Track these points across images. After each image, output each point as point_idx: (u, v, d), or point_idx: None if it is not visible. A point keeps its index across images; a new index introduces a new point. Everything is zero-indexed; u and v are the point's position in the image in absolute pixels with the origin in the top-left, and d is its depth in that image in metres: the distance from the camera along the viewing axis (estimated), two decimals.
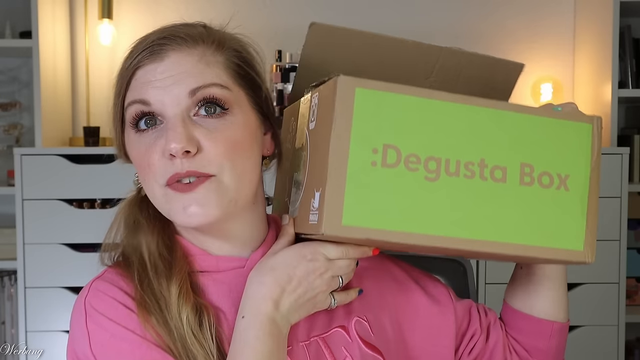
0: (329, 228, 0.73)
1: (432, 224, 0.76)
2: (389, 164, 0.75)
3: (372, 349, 0.88)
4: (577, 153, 0.81)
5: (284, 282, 0.79)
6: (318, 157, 0.77)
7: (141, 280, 0.81)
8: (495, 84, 0.95)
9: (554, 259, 0.81)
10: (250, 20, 2.67)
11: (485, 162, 0.77)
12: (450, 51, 0.90)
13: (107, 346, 0.77)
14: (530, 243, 0.79)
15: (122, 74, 0.82)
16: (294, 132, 0.89)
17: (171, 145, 0.76)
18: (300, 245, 0.82)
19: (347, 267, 0.83)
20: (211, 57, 0.81)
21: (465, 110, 0.77)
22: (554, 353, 0.98)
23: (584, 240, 0.81)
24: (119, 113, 0.84)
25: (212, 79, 0.80)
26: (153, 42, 0.80)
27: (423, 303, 0.95)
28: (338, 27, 0.87)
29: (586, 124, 0.81)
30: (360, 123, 0.74)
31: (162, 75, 0.79)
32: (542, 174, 0.79)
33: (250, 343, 0.76)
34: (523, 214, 0.79)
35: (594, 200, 0.81)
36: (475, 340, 0.98)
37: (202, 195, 0.78)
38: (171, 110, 0.78)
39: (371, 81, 0.75)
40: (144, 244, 0.83)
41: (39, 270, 2.27)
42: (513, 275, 1.00)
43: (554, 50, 2.74)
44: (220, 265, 0.85)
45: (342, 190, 0.73)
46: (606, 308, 2.32)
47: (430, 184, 0.76)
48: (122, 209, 0.88)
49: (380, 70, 0.89)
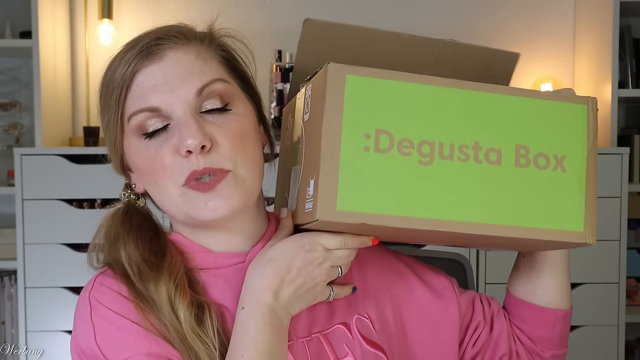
0: (323, 213, 0.74)
1: (427, 207, 0.76)
2: (381, 148, 0.75)
3: (374, 346, 0.88)
4: (572, 134, 0.80)
5: (283, 272, 0.79)
6: (312, 145, 0.78)
7: (129, 286, 0.81)
8: (493, 72, 0.95)
9: (554, 240, 0.80)
10: (250, 21, 2.68)
11: (479, 145, 0.77)
12: (444, 43, 0.90)
13: (113, 339, 0.77)
14: (529, 225, 0.79)
15: (117, 82, 0.81)
16: (291, 127, 0.89)
17: (187, 141, 0.77)
18: (299, 235, 0.82)
19: (346, 258, 0.83)
20: (205, 52, 0.83)
21: (458, 94, 0.78)
22: (557, 341, 0.98)
23: (584, 221, 0.80)
24: (118, 123, 0.82)
25: (213, 74, 0.81)
26: (148, 44, 0.80)
27: (425, 297, 0.95)
28: (332, 23, 0.87)
29: (581, 105, 0.81)
30: (352, 109, 0.74)
31: (165, 77, 0.79)
32: (538, 156, 0.79)
33: (251, 333, 0.77)
34: (520, 195, 0.78)
35: (592, 181, 0.81)
36: (479, 332, 0.98)
37: (224, 190, 0.79)
38: (181, 110, 0.79)
39: (361, 68, 0.75)
40: (123, 255, 0.83)
41: (39, 270, 2.28)
42: (515, 264, 1.00)
43: (554, 50, 2.74)
44: (220, 262, 0.85)
45: (335, 176, 0.74)
46: (606, 308, 2.32)
47: (424, 167, 0.76)
48: (104, 221, 0.88)
49: (376, 64, 0.90)
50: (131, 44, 0.83)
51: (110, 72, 0.83)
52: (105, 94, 0.83)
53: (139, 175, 0.85)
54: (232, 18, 2.63)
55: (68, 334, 2.28)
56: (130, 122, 0.81)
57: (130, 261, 0.82)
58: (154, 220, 0.88)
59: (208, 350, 0.77)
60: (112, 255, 0.84)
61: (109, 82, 0.83)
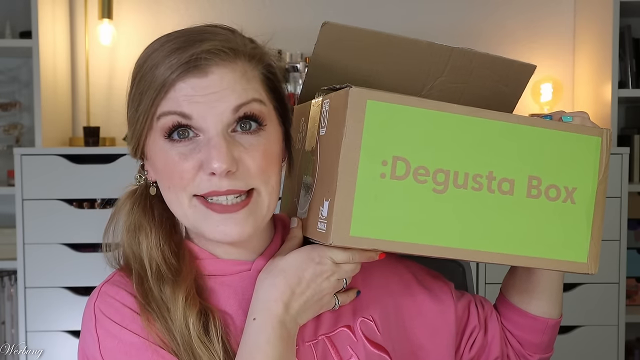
0: (337, 239, 0.75)
1: (439, 235, 0.77)
2: (397, 175, 0.75)
3: (378, 348, 0.89)
4: (585, 166, 0.82)
5: (294, 284, 0.80)
6: (328, 165, 0.78)
7: (142, 287, 0.81)
8: (507, 82, 0.96)
9: (556, 269, 0.83)
10: (250, 21, 2.67)
11: (493, 175, 0.78)
12: (461, 51, 0.90)
13: (116, 351, 0.78)
14: (534, 255, 0.81)
15: (157, 81, 0.78)
16: (304, 133, 0.89)
17: (215, 164, 0.76)
18: (309, 248, 0.82)
19: (352, 271, 0.84)
20: (250, 72, 0.81)
21: (475, 123, 0.78)
22: (545, 346, 1.00)
23: (588, 252, 0.82)
24: (148, 119, 0.80)
25: (253, 94, 0.80)
26: (198, 56, 0.77)
27: (427, 304, 0.96)
28: (350, 27, 0.87)
29: (595, 137, 0.82)
30: (371, 135, 0.75)
31: (205, 91, 0.77)
32: (549, 187, 0.80)
33: (262, 347, 0.77)
34: (528, 226, 0.80)
35: (600, 212, 0.82)
36: (475, 336, 0.99)
37: (242, 217, 0.79)
38: (213, 127, 0.78)
39: (383, 93, 0.75)
40: (144, 250, 0.83)
41: (39, 270, 2.27)
42: (511, 270, 1.01)
43: (554, 50, 2.74)
44: (227, 269, 0.86)
45: (350, 202, 0.74)
46: (606, 308, 2.32)
47: (438, 195, 0.77)
48: (120, 208, 0.86)
49: (391, 69, 0.90)
50: (178, 44, 0.79)
51: (149, 65, 0.79)
52: (139, 85, 0.80)
53: (155, 171, 0.83)
54: (231, 18, 2.62)
55: (68, 334, 2.29)
56: (159, 121, 0.79)
57: (151, 258, 0.82)
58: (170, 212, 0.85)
59: (212, 358, 0.78)
60: (132, 247, 0.84)
61: (146, 75, 0.80)
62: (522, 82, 0.98)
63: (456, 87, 0.93)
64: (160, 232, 0.84)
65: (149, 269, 0.81)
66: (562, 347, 2.29)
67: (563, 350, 2.30)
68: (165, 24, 2.65)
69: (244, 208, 0.79)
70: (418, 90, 0.92)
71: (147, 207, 0.86)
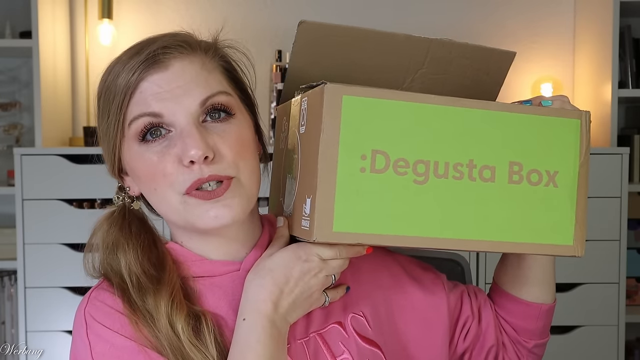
0: (320, 235, 0.75)
1: (422, 226, 0.77)
2: (377, 169, 0.75)
3: (370, 343, 0.89)
4: (565, 149, 0.81)
5: (282, 283, 0.80)
6: (308, 162, 0.78)
7: (125, 298, 0.81)
8: (488, 71, 0.95)
9: (543, 253, 0.83)
10: (250, 21, 2.67)
11: (474, 163, 0.78)
12: (440, 42, 0.90)
13: (108, 355, 0.78)
14: (520, 240, 0.80)
15: (120, 88, 0.81)
16: (286, 132, 0.90)
17: (191, 151, 0.77)
18: (295, 246, 0.83)
19: (340, 267, 0.84)
20: (209, 63, 0.84)
21: (453, 112, 0.78)
22: (540, 332, 1.01)
23: (574, 235, 0.82)
24: (119, 128, 0.82)
25: (217, 87, 0.82)
26: (155, 52, 0.80)
27: (418, 296, 0.96)
28: (327, 24, 0.87)
29: (574, 120, 0.82)
30: (348, 130, 0.75)
31: (170, 85, 0.80)
32: (531, 172, 0.80)
33: (252, 346, 0.78)
34: (512, 212, 0.80)
35: (583, 195, 0.82)
36: (468, 326, 1.00)
37: (229, 199, 0.80)
38: (184, 118, 0.79)
39: (358, 88, 0.76)
40: (123, 264, 0.83)
41: (39, 270, 2.28)
42: (503, 257, 1.01)
43: (554, 50, 2.74)
44: (216, 270, 0.86)
45: (332, 198, 0.74)
46: (606, 308, 2.32)
47: (419, 187, 0.77)
48: (97, 229, 0.87)
49: (371, 64, 0.90)
50: (135, 50, 0.82)
51: (112, 77, 0.82)
52: (105, 98, 0.83)
53: (137, 179, 0.85)
54: (232, 18, 2.63)
55: (68, 334, 2.29)
56: (131, 126, 0.81)
57: (130, 272, 0.82)
58: (150, 225, 0.89)
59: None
60: (111, 264, 0.84)
61: (110, 86, 0.82)
62: (503, 70, 0.98)
63: (437, 78, 0.93)
64: (138, 247, 0.84)
65: (129, 282, 0.82)
66: (562, 347, 2.29)
67: (563, 350, 2.30)
68: (165, 24, 2.65)
69: (228, 190, 0.80)
70: (400, 84, 0.92)
71: (125, 225, 0.86)
